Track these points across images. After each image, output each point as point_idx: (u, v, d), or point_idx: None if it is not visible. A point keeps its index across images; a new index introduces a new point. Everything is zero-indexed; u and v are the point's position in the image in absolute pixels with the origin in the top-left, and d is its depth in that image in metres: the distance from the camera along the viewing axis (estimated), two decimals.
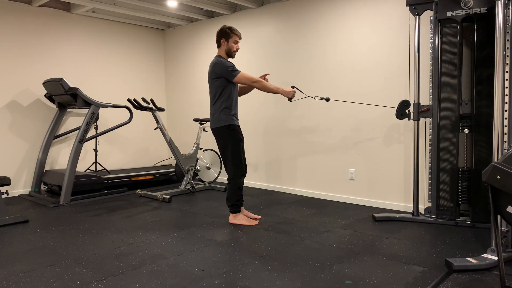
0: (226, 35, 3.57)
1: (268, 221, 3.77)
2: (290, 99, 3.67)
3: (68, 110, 5.42)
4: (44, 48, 5.33)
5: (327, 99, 3.86)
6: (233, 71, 3.49)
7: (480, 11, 3.31)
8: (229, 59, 3.64)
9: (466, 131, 3.52)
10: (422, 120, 3.82)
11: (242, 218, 3.67)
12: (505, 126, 2.82)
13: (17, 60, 5.11)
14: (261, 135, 5.41)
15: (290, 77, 5.03)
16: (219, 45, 3.63)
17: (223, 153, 3.64)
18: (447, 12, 3.44)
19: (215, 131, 3.62)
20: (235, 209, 3.67)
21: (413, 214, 3.77)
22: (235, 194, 3.64)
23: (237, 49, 3.64)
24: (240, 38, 3.64)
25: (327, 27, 4.66)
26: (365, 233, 3.38)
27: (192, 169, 5.17)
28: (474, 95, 3.46)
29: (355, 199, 4.52)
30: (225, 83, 3.53)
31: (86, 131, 4.77)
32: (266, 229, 3.52)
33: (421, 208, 3.82)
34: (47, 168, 5.29)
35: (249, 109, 5.45)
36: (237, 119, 3.65)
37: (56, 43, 5.44)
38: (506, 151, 2.67)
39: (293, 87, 3.68)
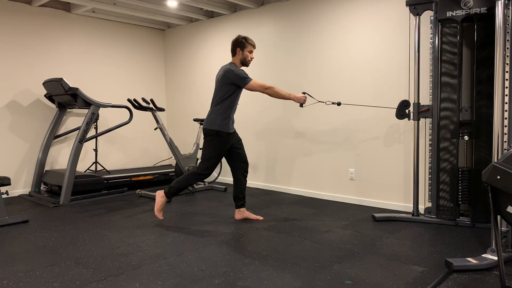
0: (241, 45, 3.65)
1: (268, 221, 3.77)
2: (301, 105, 3.69)
3: (68, 110, 5.42)
4: (44, 48, 5.33)
5: (339, 104, 3.90)
6: (245, 78, 3.56)
7: (480, 11, 3.31)
8: (242, 67, 3.70)
9: (466, 138, 3.52)
10: (422, 120, 3.82)
11: (161, 202, 3.68)
12: (505, 126, 2.82)
13: (17, 60, 5.11)
14: (262, 135, 5.41)
15: (290, 77, 5.03)
16: (234, 54, 3.70)
17: (204, 151, 3.68)
18: (447, 12, 3.44)
19: (205, 131, 3.66)
20: (170, 195, 3.70)
21: (413, 214, 3.77)
22: (183, 186, 3.70)
23: (251, 58, 3.71)
24: (254, 47, 3.71)
25: (327, 27, 4.66)
26: (365, 233, 3.38)
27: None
28: (474, 95, 3.45)
29: (355, 199, 4.52)
30: (233, 89, 3.59)
31: (86, 131, 4.77)
32: (266, 229, 3.52)
33: (421, 208, 3.82)
34: (47, 168, 5.29)
35: (251, 110, 5.45)
36: (232, 124, 3.69)
37: (56, 43, 5.44)
38: (506, 151, 2.67)
39: (304, 93, 3.71)
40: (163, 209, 3.85)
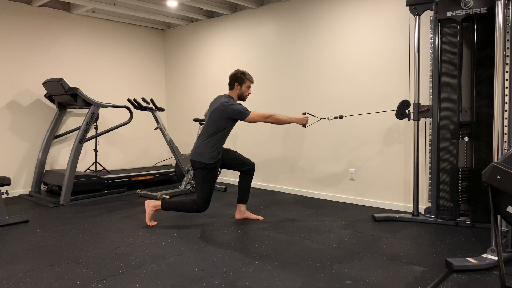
0: (240, 80, 3.62)
1: (268, 221, 3.77)
2: (304, 125, 3.70)
3: (68, 110, 5.42)
4: (44, 48, 5.33)
5: (341, 117, 3.92)
6: (244, 112, 3.52)
7: (480, 11, 3.31)
8: (239, 101, 3.68)
9: (466, 139, 3.51)
10: (422, 120, 3.82)
11: (152, 212, 3.65)
12: (505, 126, 2.82)
13: (17, 60, 5.11)
14: (262, 135, 5.41)
15: (290, 78, 5.03)
16: (231, 88, 3.67)
17: (197, 183, 3.62)
18: (447, 12, 3.44)
19: (192, 163, 3.62)
20: (165, 208, 3.65)
21: (413, 214, 3.77)
22: (179, 210, 3.68)
23: (249, 94, 3.70)
24: (252, 82, 3.69)
25: (327, 27, 4.66)
26: (365, 233, 3.38)
27: (192, 169, 5.17)
28: (474, 95, 3.45)
29: (355, 199, 4.51)
30: (229, 123, 3.56)
31: (86, 131, 4.77)
32: (266, 229, 3.52)
33: (421, 208, 3.82)
34: (47, 168, 5.29)
35: (251, 109, 5.43)
36: (220, 153, 3.64)
37: (56, 43, 5.44)
38: (506, 151, 2.67)
39: (304, 113, 3.71)
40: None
